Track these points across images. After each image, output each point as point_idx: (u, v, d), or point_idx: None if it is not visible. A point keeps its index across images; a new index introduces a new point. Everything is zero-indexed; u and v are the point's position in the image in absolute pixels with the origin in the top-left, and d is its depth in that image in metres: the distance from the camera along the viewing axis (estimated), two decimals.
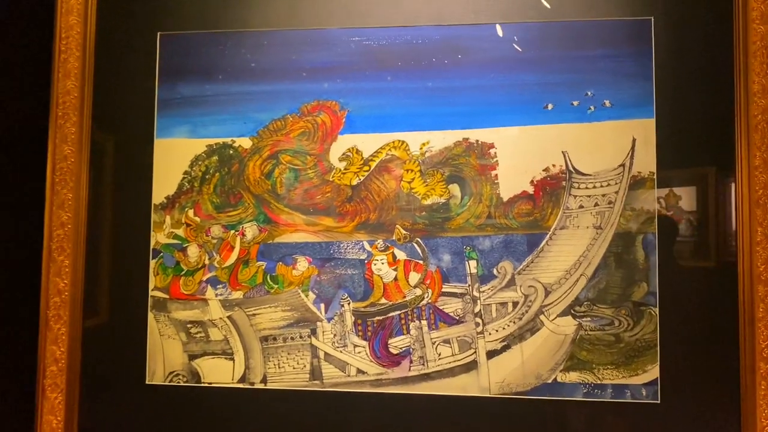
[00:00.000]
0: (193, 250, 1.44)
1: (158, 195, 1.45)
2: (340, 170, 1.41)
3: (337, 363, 1.39)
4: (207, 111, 1.44)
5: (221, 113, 1.44)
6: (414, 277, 1.38)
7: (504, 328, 1.35)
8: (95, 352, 1.44)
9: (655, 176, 1.32)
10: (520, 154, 1.36)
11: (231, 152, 1.44)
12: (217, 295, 1.43)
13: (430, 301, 1.37)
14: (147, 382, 1.43)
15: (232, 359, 1.42)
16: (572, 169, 1.34)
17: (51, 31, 1.46)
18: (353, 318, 1.39)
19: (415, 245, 1.38)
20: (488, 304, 1.35)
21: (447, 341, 1.36)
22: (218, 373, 1.42)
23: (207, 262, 1.44)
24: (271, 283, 1.42)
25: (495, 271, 1.36)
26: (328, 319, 1.40)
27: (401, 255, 1.39)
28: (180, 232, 1.45)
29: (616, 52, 1.34)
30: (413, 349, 1.37)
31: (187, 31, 1.46)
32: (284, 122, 1.43)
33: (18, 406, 1.46)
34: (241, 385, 1.41)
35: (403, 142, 1.39)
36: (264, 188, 1.43)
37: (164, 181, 1.45)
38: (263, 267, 1.42)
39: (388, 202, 1.39)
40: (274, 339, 1.41)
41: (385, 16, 1.41)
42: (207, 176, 1.45)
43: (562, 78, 1.35)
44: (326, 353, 1.39)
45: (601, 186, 1.33)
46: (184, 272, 1.44)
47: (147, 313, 1.44)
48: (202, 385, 1.42)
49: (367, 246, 1.39)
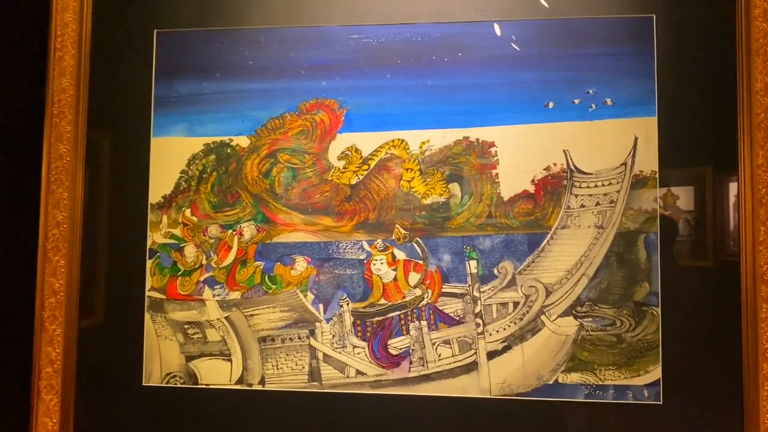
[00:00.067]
0: (190, 250, 1.43)
1: (155, 194, 1.44)
2: (339, 169, 1.40)
3: (336, 364, 1.38)
4: (204, 109, 1.43)
5: (219, 111, 1.43)
6: (414, 277, 1.37)
7: (505, 329, 1.34)
8: (91, 354, 1.43)
9: (657, 175, 1.31)
10: (520, 152, 1.35)
11: (228, 151, 1.43)
12: (214, 295, 1.42)
13: (430, 301, 1.36)
14: (143, 383, 1.42)
15: (230, 360, 1.41)
16: (573, 168, 1.33)
17: (46, 28, 1.45)
18: (352, 318, 1.38)
19: (415, 245, 1.37)
20: (489, 305, 1.34)
21: (447, 342, 1.35)
22: (216, 374, 1.41)
23: (204, 262, 1.43)
24: (269, 283, 1.41)
25: (495, 271, 1.35)
26: (327, 320, 1.39)
27: (401, 255, 1.38)
28: (177, 231, 1.44)
29: (618, 50, 1.33)
30: (413, 350, 1.36)
31: (184, 29, 1.45)
32: (282, 121, 1.42)
33: (13, 408, 1.44)
34: (238, 387, 1.40)
35: (402, 140, 1.38)
36: (262, 187, 1.42)
37: (161, 180, 1.44)
38: (261, 267, 1.41)
39: (387, 202, 1.38)
40: (273, 340, 1.40)
41: (385, 13, 1.40)
42: (204, 175, 1.44)
43: (563, 76, 1.34)
44: (325, 354, 1.38)
45: (603, 185, 1.32)
46: (181, 272, 1.43)
47: (143, 314, 1.43)
48: (200, 386, 1.41)
49: (366, 246, 1.38)
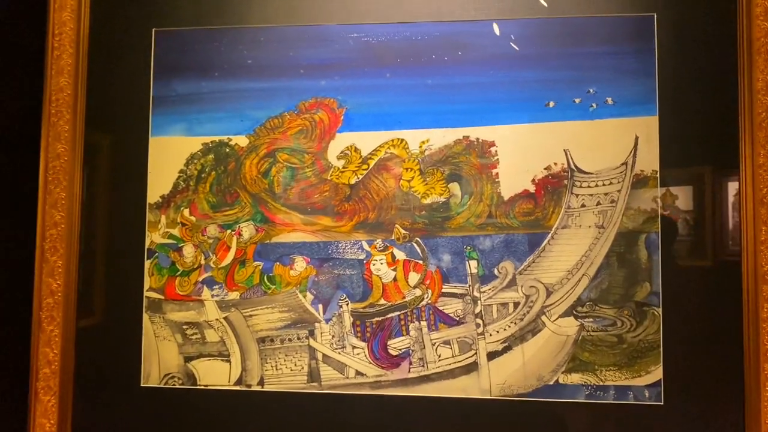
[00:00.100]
0: (188, 250, 1.43)
1: (153, 194, 1.44)
2: (339, 169, 1.40)
3: (336, 365, 1.37)
4: (203, 108, 1.43)
5: (217, 111, 1.42)
6: (413, 277, 1.36)
7: (505, 329, 1.33)
8: (89, 354, 1.42)
9: (657, 175, 1.30)
10: (521, 152, 1.34)
11: (227, 150, 1.42)
12: (213, 295, 1.41)
13: (429, 301, 1.36)
14: (142, 384, 1.41)
15: (229, 361, 1.40)
16: (574, 168, 1.33)
17: (44, 27, 1.45)
18: (352, 319, 1.37)
19: (415, 245, 1.36)
20: (489, 305, 1.34)
21: (447, 342, 1.35)
22: (214, 375, 1.40)
23: (203, 262, 1.42)
24: (268, 283, 1.40)
25: (496, 271, 1.34)
26: (327, 320, 1.38)
27: (400, 255, 1.37)
28: (175, 231, 1.43)
29: (619, 49, 1.32)
30: (413, 351, 1.35)
31: (182, 28, 1.45)
32: (281, 120, 1.41)
33: (10, 410, 1.44)
34: (237, 388, 1.39)
35: (402, 140, 1.38)
36: (261, 187, 1.41)
37: (159, 180, 1.43)
38: (260, 267, 1.40)
39: (387, 201, 1.38)
40: (272, 340, 1.39)
41: (384, 12, 1.40)
42: (203, 175, 1.43)
43: (563, 75, 1.33)
44: (324, 355, 1.38)
45: (604, 184, 1.32)
46: (179, 273, 1.43)
47: (142, 315, 1.42)
48: (198, 387, 1.40)
49: (365, 246, 1.38)
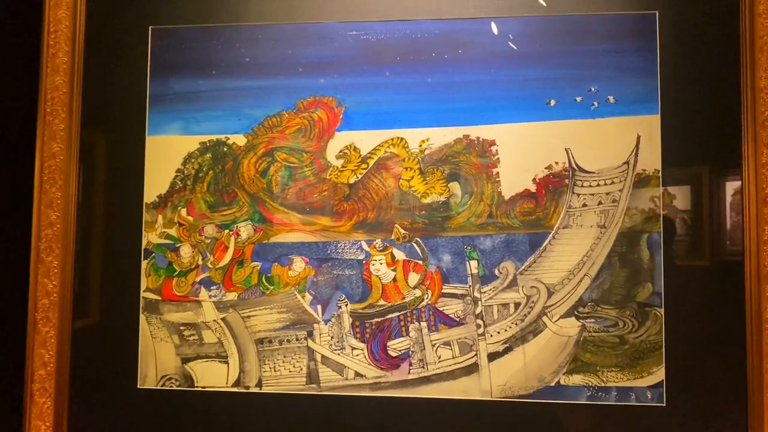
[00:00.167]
0: (186, 251, 1.42)
1: (150, 194, 1.42)
2: (338, 168, 1.38)
3: (335, 366, 1.36)
4: (200, 107, 1.42)
5: (215, 109, 1.41)
6: (413, 277, 1.35)
7: (506, 330, 1.32)
8: (85, 356, 1.41)
9: (660, 174, 1.29)
10: (521, 151, 1.33)
11: (225, 149, 1.41)
12: (210, 296, 1.40)
13: (429, 302, 1.35)
14: (138, 386, 1.40)
15: (227, 362, 1.39)
16: (575, 167, 1.32)
17: (39, 25, 1.44)
18: (351, 320, 1.36)
19: (415, 245, 1.35)
20: (489, 306, 1.33)
21: (447, 343, 1.34)
22: (212, 376, 1.39)
23: (200, 262, 1.41)
24: (266, 284, 1.39)
25: (496, 272, 1.33)
26: (325, 321, 1.37)
27: (400, 255, 1.36)
28: (172, 231, 1.42)
29: (620, 47, 1.31)
30: (413, 352, 1.34)
31: (179, 25, 1.44)
32: (280, 119, 1.40)
33: (5, 411, 1.43)
34: (235, 389, 1.38)
35: (401, 139, 1.36)
36: (259, 186, 1.40)
37: (156, 180, 1.42)
38: (258, 267, 1.39)
39: (386, 201, 1.37)
40: (270, 341, 1.38)
41: (384, 9, 1.39)
42: (200, 174, 1.42)
43: (565, 73, 1.32)
44: (323, 356, 1.37)
45: (605, 184, 1.31)
46: (176, 273, 1.41)
47: (138, 315, 1.41)
48: (196, 389, 1.40)
49: (365, 246, 1.37)
